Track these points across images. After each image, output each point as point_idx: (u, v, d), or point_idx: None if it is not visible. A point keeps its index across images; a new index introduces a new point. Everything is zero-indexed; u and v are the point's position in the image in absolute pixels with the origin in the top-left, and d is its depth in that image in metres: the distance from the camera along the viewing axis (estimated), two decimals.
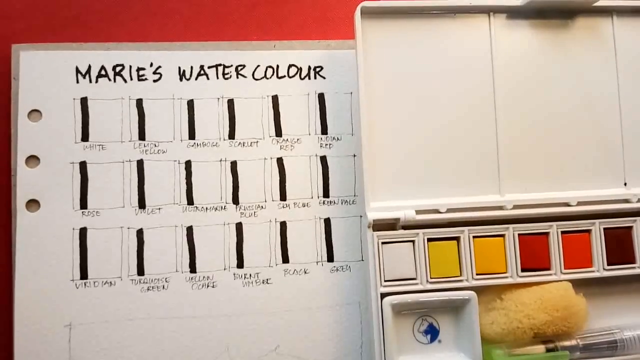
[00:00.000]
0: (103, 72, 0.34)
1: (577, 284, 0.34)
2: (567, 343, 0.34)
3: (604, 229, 0.35)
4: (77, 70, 0.34)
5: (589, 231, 0.35)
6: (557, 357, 0.33)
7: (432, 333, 0.34)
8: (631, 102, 0.36)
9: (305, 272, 0.34)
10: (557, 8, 0.35)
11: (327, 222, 0.35)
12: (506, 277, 0.34)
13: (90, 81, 0.34)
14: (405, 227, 0.33)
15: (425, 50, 0.35)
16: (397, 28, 0.34)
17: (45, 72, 0.34)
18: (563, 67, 0.36)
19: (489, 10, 0.35)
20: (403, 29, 0.34)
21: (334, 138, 0.36)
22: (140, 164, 0.34)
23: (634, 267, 0.35)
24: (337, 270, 0.35)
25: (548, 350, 0.34)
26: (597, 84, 0.36)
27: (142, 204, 0.33)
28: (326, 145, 0.36)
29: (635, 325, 0.35)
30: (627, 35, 0.36)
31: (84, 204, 0.33)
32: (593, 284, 0.35)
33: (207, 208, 0.34)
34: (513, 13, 0.35)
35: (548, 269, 0.34)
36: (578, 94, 0.36)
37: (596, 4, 0.35)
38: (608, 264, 0.35)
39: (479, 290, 0.33)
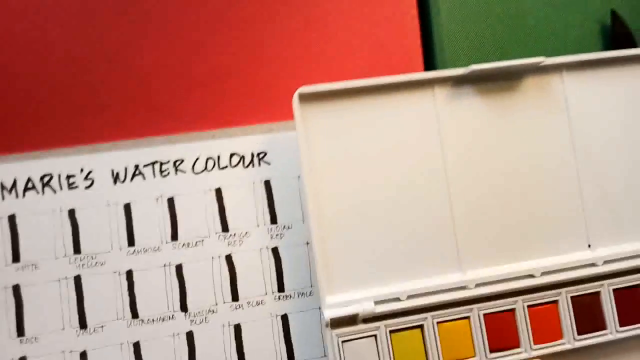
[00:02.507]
0: (30, 185, 0.32)
1: (550, 358, 0.33)
2: None
3: (571, 297, 0.34)
4: (2, 186, 0.32)
5: (556, 302, 0.34)
6: None
7: None
8: (587, 159, 0.35)
9: None
10: (501, 72, 0.34)
11: (285, 318, 0.33)
12: None
13: (17, 196, 0.32)
14: (365, 320, 0.32)
15: (370, 129, 0.33)
16: (339, 109, 0.33)
17: None
18: (515, 129, 0.35)
19: (431, 82, 0.34)
20: (345, 109, 0.33)
21: (284, 227, 0.34)
22: (77, 280, 0.32)
23: (605, 334, 0.34)
24: None
25: None
26: (550, 144, 0.35)
27: (83, 324, 0.31)
28: (277, 235, 0.34)
29: None
30: (578, 89, 0.35)
31: (20, 332, 0.31)
32: (566, 356, 0.34)
33: (153, 320, 0.32)
34: (457, 82, 0.34)
35: (517, 347, 0.33)
36: (532, 156, 0.35)
37: (545, 63, 0.34)
38: (579, 334, 0.34)
39: None
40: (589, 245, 0.35)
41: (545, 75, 0.35)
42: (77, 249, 0.32)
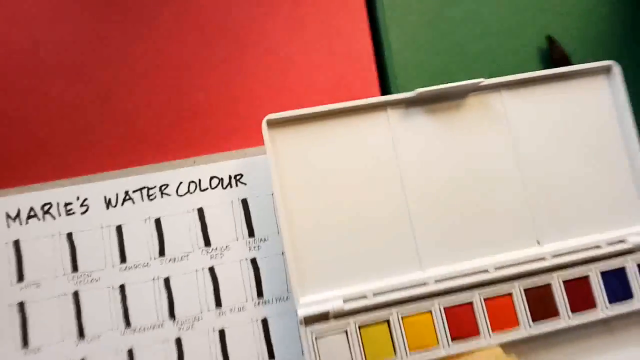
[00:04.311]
0: (32, 213, 0.36)
1: (508, 346, 0.36)
2: None
3: (524, 289, 0.37)
4: (7, 216, 0.36)
5: (510, 294, 0.37)
6: None
7: None
8: (530, 166, 0.39)
9: None
10: (446, 93, 0.38)
11: (265, 322, 0.36)
12: (439, 350, 0.35)
13: (21, 224, 0.36)
14: (336, 317, 0.35)
15: (333, 147, 0.37)
16: (304, 132, 0.37)
17: None
18: (462, 142, 0.39)
19: (385, 105, 0.38)
20: (310, 132, 0.37)
21: (261, 239, 0.38)
22: (75, 295, 0.35)
23: (559, 321, 0.37)
24: None
25: None
26: (495, 153, 0.39)
27: (81, 334, 0.35)
28: (255, 247, 0.38)
29: None
30: (516, 104, 0.40)
31: (25, 343, 0.34)
32: (523, 343, 0.37)
33: (145, 328, 0.35)
34: (407, 104, 0.38)
35: (477, 335, 0.36)
36: (479, 165, 0.39)
37: (484, 83, 0.39)
38: (534, 321, 0.37)
39: None
40: (538, 242, 0.39)
41: (486, 94, 0.40)
42: (75, 268, 0.36)
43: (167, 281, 0.36)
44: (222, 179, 0.38)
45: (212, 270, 0.37)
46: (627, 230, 0.39)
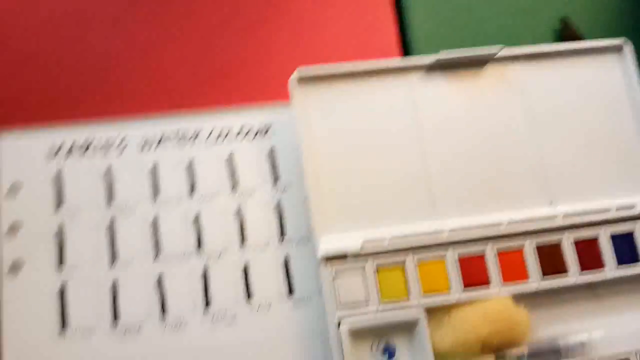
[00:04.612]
0: (74, 148, 0.39)
1: (518, 298, 0.38)
2: (514, 352, 0.37)
3: (536, 245, 0.39)
4: (51, 149, 0.39)
5: (521, 249, 0.39)
6: None
7: (389, 353, 0.36)
8: (544, 133, 0.41)
9: (268, 308, 0.37)
10: (464, 61, 0.41)
11: (286, 260, 0.38)
12: (451, 296, 0.37)
13: (63, 157, 0.38)
14: (355, 257, 0.37)
15: (355, 106, 0.39)
16: (329, 89, 0.39)
17: (23, 152, 0.38)
18: (480, 108, 0.41)
19: (406, 69, 0.40)
20: (334, 89, 0.39)
21: (286, 185, 0.40)
22: (111, 225, 0.38)
23: (567, 278, 0.39)
24: (299, 303, 0.38)
25: (498, 359, 0.36)
26: (511, 120, 0.41)
27: (114, 259, 0.37)
28: (280, 191, 0.40)
29: (576, 332, 0.38)
30: (532, 76, 0.42)
31: (59, 270, 0.36)
32: (533, 297, 0.38)
33: (174, 257, 0.37)
34: (428, 68, 0.41)
35: (488, 285, 0.38)
36: (496, 129, 0.41)
37: (501, 53, 0.41)
38: (543, 276, 0.38)
39: (428, 309, 0.37)
40: (551, 203, 0.40)
41: (503, 64, 0.42)
42: (110, 200, 0.38)
43: (196, 218, 0.38)
44: (250, 129, 0.41)
45: (238, 211, 0.39)
46: (636, 197, 0.41)
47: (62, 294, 0.36)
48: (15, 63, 0.42)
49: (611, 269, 0.39)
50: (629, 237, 0.40)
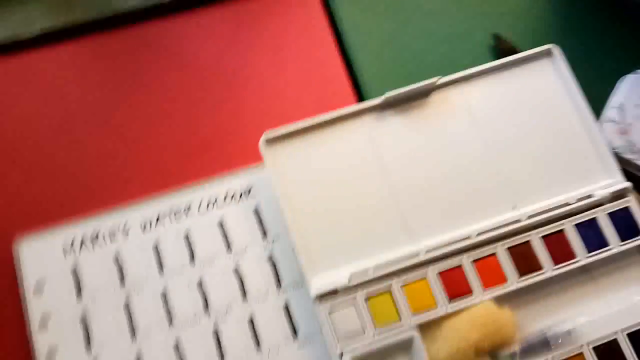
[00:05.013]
0: (84, 242, 0.44)
1: (502, 300, 0.41)
2: (507, 352, 0.40)
3: (507, 248, 0.42)
4: (65, 245, 0.44)
5: (494, 254, 0.42)
6: None
7: None
8: (497, 145, 0.45)
9: (277, 354, 0.41)
10: (409, 95, 0.45)
11: (286, 307, 0.42)
12: (439, 310, 0.41)
13: (75, 252, 0.43)
14: (344, 292, 0.41)
15: (322, 153, 0.44)
16: (295, 144, 0.43)
17: (41, 254, 0.43)
18: (433, 133, 0.45)
19: (360, 113, 0.45)
20: (300, 143, 0.43)
21: (273, 239, 0.44)
22: (127, 305, 0.42)
23: (542, 273, 0.42)
24: (304, 344, 0.41)
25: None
26: (464, 138, 0.45)
27: (134, 334, 0.41)
28: (269, 246, 0.44)
29: (562, 321, 0.41)
30: (475, 95, 0.46)
31: (88, 349, 0.41)
32: (515, 296, 0.42)
33: (187, 324, 0.42)
34: (379, 108, 0.45)
35: (471, 293, 0.41)
36: (452, 151, 0.44)
37: (440, 81, 0.45)
38: (520, 276, 0.42)
39: (421, 327, 0.40)
40: (513, 207, 0.44)
41: (446, 90, 0.46)
42: (122, 283, 0.43)
43: (200, 283, 0.43)
44: (234, 193, 0.45)
45: (236, 269, 0.43)
46: (593, 186, 0.44)
47: None
48: (22, 174, 0.47)
49: (582, 257, 0.42)
50: (593, 223, 0.43)
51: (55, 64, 0.50)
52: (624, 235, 0.43)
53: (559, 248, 0.43)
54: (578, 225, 0.43)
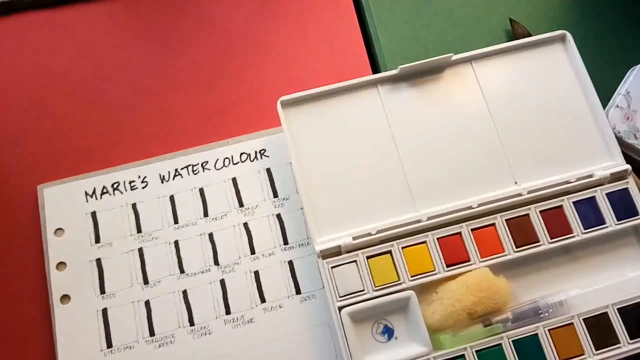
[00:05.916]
0: (105, 190, 0.46)
1: (497, 269, 0.43)
2: (499, 317, 0.42)
3: (506, 220, 0.44)
4: (86, 193, 0.46)
5: (493, 224, 0.44)
6: (492, 330, 0.41)
7: (388, 332, 0.41)
8: (504, 121, 0.46)
9: (280, 307, 0.43)
10: (424, 68, 0.47)
11: (291, 263, 0.44)
12: (435, 274, 0.42)
13: (96, 199, 0.46)
14: (348, 251, 0.43)
15: (336, 120, 0.46)
16: (312, 109, 0.46)
17: (63, 200, 0.46)
18: (443, 106, 0.46)
19: (375, 82, 0.47)
20: (316, 108, 0.46)
21: (284, 199, 0.46)
22: (140, 251, 0.44)
23: (539, 245, 0.43)
24: (305, 300, 0.44)
25: (485, 326, 0.41)
26: (473, 113, 0.46)
27: (146, 281, 0.44)
28: (279, 205, 0.46)
29: (553, 294, 0.43)
30: (486, 73, 0.47)
31: (102, 290, 0.43)
32: (511, 266, 0.43)
33: (195, 273, 0.44)
34: (394, 79, 0.47)
35: (468, 260, 0.43)
36: (460, 123, 0.46)
37: (454, 57, 0.47)
38: (517, 247, 0.43)
39: (418, 289, 0.42)
40: (515, 182, 0.45)
41: (459, 66, 0.48)
42: (139, 230, 0.45)
43: (210, 236, 0.45)
44: (249, 154, 0.47)
45: (246, 225, 0.45)
46: (594, 167, 0.46)
47: (105, 316, 0.43)
48: (48, 125, 0.50)
49: (578, 233, 0.44)
50: (592, 201, 0.45)
51: (90, 20, 0.52)
52: (621, 215, 0.44)
53: (556, 223, 0.44)
54: (576, 203, 0.44)
